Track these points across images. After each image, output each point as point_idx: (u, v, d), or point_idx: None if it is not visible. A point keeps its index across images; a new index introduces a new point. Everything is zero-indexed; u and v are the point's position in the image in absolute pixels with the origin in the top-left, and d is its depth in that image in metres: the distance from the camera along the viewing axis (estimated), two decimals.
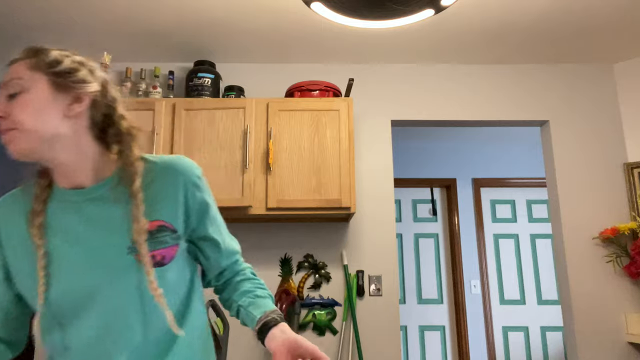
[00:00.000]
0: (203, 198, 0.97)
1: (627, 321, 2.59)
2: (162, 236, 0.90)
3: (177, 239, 0.92)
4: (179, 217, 0.93)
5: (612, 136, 2.84)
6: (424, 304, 4.22)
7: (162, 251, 0.89)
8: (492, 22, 2.48)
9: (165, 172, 0.94)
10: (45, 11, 2.38)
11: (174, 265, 0.91)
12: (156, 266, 0.87)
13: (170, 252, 0.91)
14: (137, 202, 0.87)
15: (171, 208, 0.92)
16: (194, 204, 0.95)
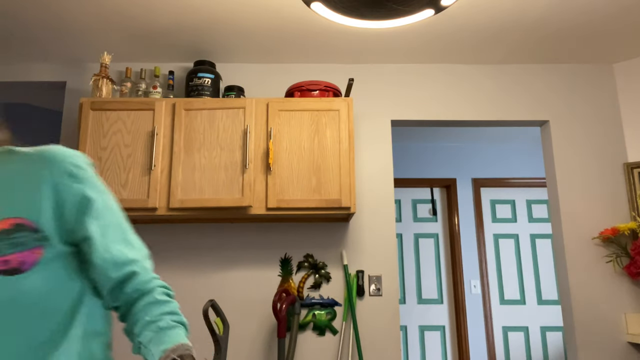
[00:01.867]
0: (82, 190, 0.80)
1: (627, 321, 2.59)
2: (20, 237, 0.74)
3: (42, 240, 0.75)
4: (45, 213, 0.76)
5: (612, 136, 2.84)
6: (424, 304, 4.22)
7: (19, 255, 0.73)
8: (492, 22, 2.48)
9: (30, 163, 0.79)
10: (45, 11, 2.38)
11: (39, 273, 0.74)
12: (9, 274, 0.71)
13: (31, 257, 0.74)
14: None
15: (33, 203, 0.76)
16: (67, 197, 0.79)
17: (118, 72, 2.88)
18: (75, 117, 2.82)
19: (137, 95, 2.67)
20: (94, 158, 2.43)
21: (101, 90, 2.57)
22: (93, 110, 2.49)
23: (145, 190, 2.39)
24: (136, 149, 2.45)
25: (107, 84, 2.59)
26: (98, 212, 0.81)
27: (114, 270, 0.80)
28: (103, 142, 2.46)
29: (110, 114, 2.49)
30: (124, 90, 2.66)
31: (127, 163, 2.43)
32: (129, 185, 2.40)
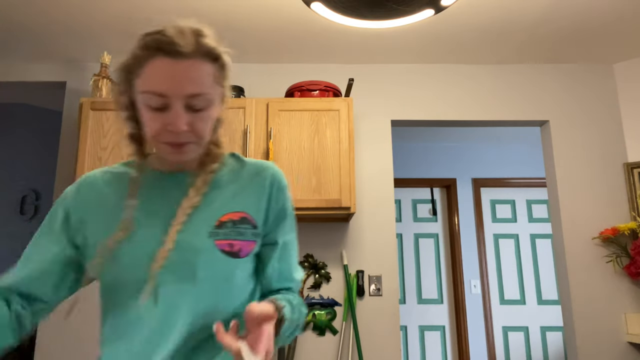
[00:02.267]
0: (285, 204, 0.94)
1: (627, 321, 2.59)
2: (244, 228, 0.87)
3: (256, 236, 0.89)
4: (260, 214, 0.90)
5: (612, 136, 2.84)
6: (424, 304, 4.22)
7: (241, 243, 0.86)
8: (492, 22, 2.48)
9: (255, 170, 0.94)
10: (45, 11, 2.38)
11: (247, 262, 0.88)
12: (231, 256, 0.84)
13: (247, 247, 0.87)
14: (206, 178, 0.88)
15: (255, 204, 0.90)
16: (275, 206, 0.92)
17: None
18: (75, 117, 2.82)
19: None
20: (94, 158, 2.43)
21: (101, 90, 2.57)
22: (93, 110, 2.49)
23: None
24: None
25: (107, 84, 2.59)
26: (286, 227, 0.95)
27: (278, 281, 0.94)
28: (103, 142, 2.46)
29: (110, 114, 2.49)
30: None
31: None
32: None
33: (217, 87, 0.84)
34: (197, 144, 0.83)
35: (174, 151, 0.82)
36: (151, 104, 0.79)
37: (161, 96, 0.78)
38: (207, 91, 0.81)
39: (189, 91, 0.78)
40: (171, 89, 0.77)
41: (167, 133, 0.80)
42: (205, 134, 0.83)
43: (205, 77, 0.81)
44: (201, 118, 0.81)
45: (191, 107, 0.80)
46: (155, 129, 0.80)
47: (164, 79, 0.77)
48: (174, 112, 0.78)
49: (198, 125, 0.81)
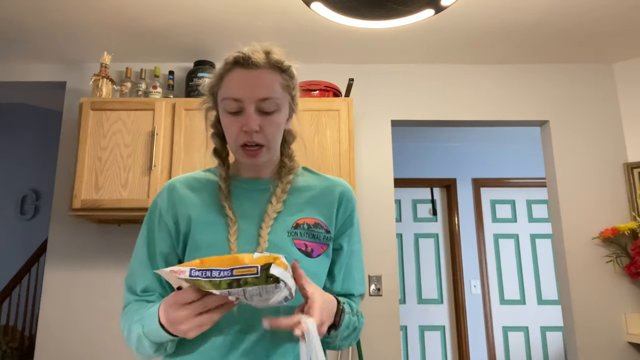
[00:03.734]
0: (352, 214, 1.03)
1: (627, 321, 2.59)
2: (317, 232, 0.97)
3: (329, 239, 0.99)
4: (332, 221, 1.00)
5: (612, 136, 2.84)
6: (424, 304, 4.22)
7: (314, 244, 0.95)
8: (492, 22, 2.48)
9: (327, 183, 1.04)
10: (45, 11, 2.38)
11: (320, 261, 0.96)
12: (305, 255, 0.93)
13: (319, 249, 0.96)
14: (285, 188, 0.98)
15: (327, 211, 1.00)
16: (343, 214, 1.02)
17: (118, 72, 2.88)
18: (75, 117, 2.82)
19: (137, 95, 2.67)
20: (94, 158, 2.43)
21: (101, 90, 2.57)
22: (93, 110, 2.49)
23: (145, 190, 2.39)
24: (136, 149, 2.45)
25: (107, 84, 2.59)
26: (353, 237, 1.05)
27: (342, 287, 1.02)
28: (103, 142, 2.46)
29: (110, 114, 2.49)
30: (124, 90, 2.66)
31: (127, 163, 2.43)
32: (129, 185, 2.40)
33: (285, 94, 0.95)
34: (268, 147, 0.94)
35: (248, 154, 0.93)
36: (229, 109, 0.92)
37: (236, 101, 0.91)
38: (276, 96, 0.92)
39: (260, 95, 0.91)
40: (244, 93, 0.91)
41: (242, 135, 0.92)
42: (274, 138, 0.95)
43: (275, 84, 0.93)
44: (270, 122, 0.93)
45: (262, 110, 0.91)
46: (233, 132, 0.93)
47: (239, 85, 0.91)
48: (247, 114, 0.91)
49: (268, 128, 0.93)
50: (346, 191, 1.04)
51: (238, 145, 0.93)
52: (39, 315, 2.61)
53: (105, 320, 2.59)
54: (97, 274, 2.65)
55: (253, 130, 0.90)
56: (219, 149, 1.04)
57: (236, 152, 0.96)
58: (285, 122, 0.99)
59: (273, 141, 0.95)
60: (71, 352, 2.56)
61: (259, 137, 0.92)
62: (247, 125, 0.90)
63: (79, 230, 2.70)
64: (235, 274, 0.68)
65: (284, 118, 0.97)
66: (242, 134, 0.92)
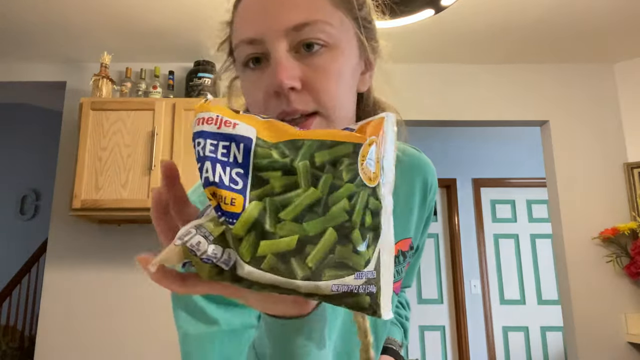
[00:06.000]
0: (434, 206, 0.75)
1: (627, 321, 2.59)
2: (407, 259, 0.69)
3: (411, 257, 0.71)
4: (419, 227, 0.72)
5: (612, 136, 2.84)
6: (424, 304, 4.22)
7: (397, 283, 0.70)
8: (492, 22, 2.48)
9: (414, 172, 0.70)
10: (44, 11, 2.38)
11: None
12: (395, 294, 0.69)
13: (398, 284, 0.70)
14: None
15: (418, 216, 0.70)
16: (429, 208, 0.73)
17: (118, 72, 2.88)
18: (75, 117, 2.82)
19: (137, 95, 2.67)
20: (94, 158, 2.43)
21: (101, 90, 2.57)
22: (93, 110, 2.49)
23: (145, 190, 2.39)
24: (136, 149, 2.45)
25: (107, 84, 2.59)
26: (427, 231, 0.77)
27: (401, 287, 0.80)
28: (103, 142, 2.46)
29: (110, 114, 2.49)
30: (124, 90, 2.66)
31: (127, 163, 2.43)
32: (129, 185, 2.40)
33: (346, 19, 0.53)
34: (327, 116, 0.51)
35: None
36: (245, 61, 0.53)
37: (252, 43, 0.51)
38: (322, 18, 0.50)
39: (290, 20, 0.50)
40: (265, 26, 0.50)
41: (272, 101, 0.50)
42: (335, 95, 0.51)
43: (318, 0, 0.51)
44: (321, 67, 0.50)
45: (300, 47, 0.50)
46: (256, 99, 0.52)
47: (254, 14, 0.52)
48: (273, 61, 0.50)
49: (317, 78, 0.50)
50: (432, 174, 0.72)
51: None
52: (39, 315, 2.61)
53: (105, 320, 2.59)
54: (97, 274, 2.65)
55: (286, 85, 0.48)
56: None
57: None
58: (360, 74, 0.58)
59: (336, 104, 0.51)
60: (71, 352, 2.55)
61: (303, 100, 0.50)
62: (275, 80, 0.49)
63: (79, 230, 2.70)
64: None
65: (349, 62, 0.54)
66: (271, 99, 0.50)
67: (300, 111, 0.49)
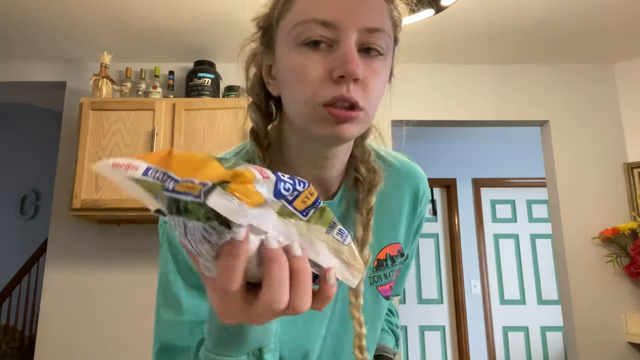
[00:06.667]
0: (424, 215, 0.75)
1: (627, 321, 2.59)
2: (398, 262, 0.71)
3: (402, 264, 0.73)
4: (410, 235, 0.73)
5: (612, 136, 2.84)
6: (424, 304, 4.22)
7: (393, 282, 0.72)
8: (492, 22, 2.48)
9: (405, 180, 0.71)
10: (44, 11, 2.38)
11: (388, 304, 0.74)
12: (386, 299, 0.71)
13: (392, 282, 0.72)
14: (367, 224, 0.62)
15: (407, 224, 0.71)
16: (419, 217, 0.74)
17: (118, 72, 2.88)
18: (75, 117, 2.82)
19: (137, 95, 2.67)
20: (94, 158, 2.43)
21: (101, 90, 2.57)
22: (93, 110, 2.49)
23: None
24: (136, 149, 2.45)
25: (107, 84, 2.59)
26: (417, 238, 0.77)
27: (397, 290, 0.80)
28: (103, 142, 2.46)
29: (110, 114, 2.49)
30: (124, 90, 2.66)
31: None
32: None
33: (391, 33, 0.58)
34: (367, 114, 0.57)
35: (336, 119, 0.54)
36: (310, 38, 0.53)
37: (326, 25, 0.53)
38: (387, 31, 0.56)
39: (370, 22, 0.54)
40: (345, 15, 0.53)
41: (329, 85, 0.53)
42: (376, 100, 0.59)
43: (384, 11, 0.57)
44: (376, 71, 0.56)
45: (367, 48, 0.55)
46: (312, 78, 0.53)
47: (335, 3, 0.53)
48: (343, 48, 0.53)
49: (372, 79, 0.55)
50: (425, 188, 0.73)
51: (318, 104, 0.53)
52: (39, 315, 2.61)
53: (105, 320, 2.59)
54: (97, 274, 2.65)
55: (356, 74, 0.52)
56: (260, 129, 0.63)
57: (310, 116, 0.55)
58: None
59: (374, 106, 0.58)
60: (71, 352, 2.55)
61: (358, 92, 0.54)
62: (347, 66, 0.51)
63: (79, 230, 2.70)
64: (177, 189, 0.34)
65: (388, 73, 0.60)
66: (329, 82, 0.53)
67: (354, 102, 0.53)
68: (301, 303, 0.35)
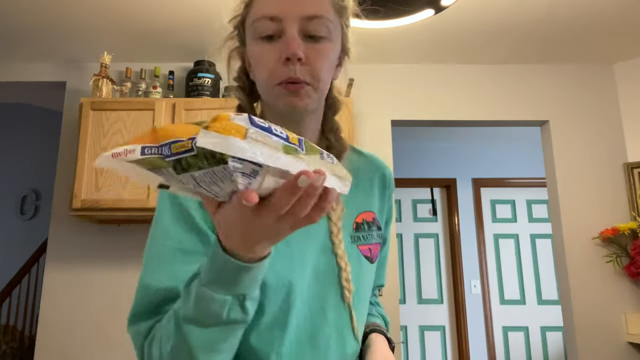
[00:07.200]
0: (393, 203, 0.87)
1: (627, 321, 2.59)
2: (374, 230, 0.79)
3: (380, 237, 0.81)
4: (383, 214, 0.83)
5: (612, 136, 2.84)
6: (424, 304, 4.22)
7: (372, 246, 0.78)
8: (493, 22, 2.48)
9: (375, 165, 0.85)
10: (45, 11, 2.38)
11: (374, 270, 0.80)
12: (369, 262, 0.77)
13: (376, 250, 0.79)
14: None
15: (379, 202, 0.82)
16: (389, 205, 0.85)
17: (118, 72, 2.88)
18: (75, 117, 2.82)
19: (137, 95, 2.67)
20: (94, 158, 2.43)
21: (101, 90, 2.57)
22: (93, 110, 2.49)
23: (145, 190, 2.39)
24: None
25: (107, 84, 2.59)
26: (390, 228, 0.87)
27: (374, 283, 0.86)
28: (103, 142, 2.46)
29: (110, 114, 2.49)
30: (124, 90, 2.66)
31: None
32: (129, 185, 2.40)
33: (337, 21, 0.70)
34: (315, 88, 0.68)
35: (289, 92, 0.66)
36: (262, 33, 0.67)
37: (273, 19, 0.66)
38: (327, 16, 0.68)
39: (306, 11, 0.66)
40: (285, 8, 0.66)
41: (280, 67, 0.66)
42: (322, 75, 0.68)
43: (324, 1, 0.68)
44: (319, 51, 0.67)
45: (308, 33, 0.67)
46: (267, 64, 0.67)
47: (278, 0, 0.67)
48: (287, 36, 0.66)
49: (315, 59, 0.67)
50: (390, 173, 0.86)
51: (274, 84, 0.67)
52: (39, 315, 2.61)
53: (105, 320, 2.59)
54: (97, 274, 2.65)
55: (296, 55, 0.64)
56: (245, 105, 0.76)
57: (271, 93, 0.69)
58: (335, 67, 0.73)
59: (322, 81, 0.68)
60: (71, 352, 2.56)
61: (304, 71, 0.66)
62: (288, 49, 0.64)
63: (79, 230, 2.70)
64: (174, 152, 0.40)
65: (335, 53, 0.71)
66: (281, 66, 0.66)
67: (298, 78, 0.66)
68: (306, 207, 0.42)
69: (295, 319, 0.68)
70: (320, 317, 0.70)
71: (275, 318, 0.67)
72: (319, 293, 0.71)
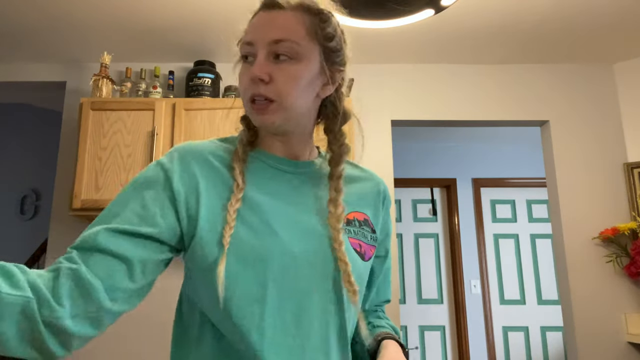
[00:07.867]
0: (390, 218, 0.93)
1: (627, 321, 2.59)
2: (366, 230, 0.84)
3: (375, 241, 0.86)
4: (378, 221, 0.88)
5: (612, 136, 2.84)
6: (424, 304, 4.22)
7: (365, 245, 0.82)
8: (492, 22, 2.48)
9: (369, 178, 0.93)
10: (45, 11, 2.38)
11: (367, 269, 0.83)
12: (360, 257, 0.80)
13: (370, 251, 0.83)
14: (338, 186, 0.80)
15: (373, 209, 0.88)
16: (385, 216, 0.91)
17: (118, 72, 2.88)
18: (75, 117, 2.82)
19: (137, 95, 2.67)
20: (94, 158, 2.43)
21: (101, 90, 2.57)
22: (93, 110, 2.49)
23: None
24: (136, 149, 2.45)
25: (107, 84, 2.59)
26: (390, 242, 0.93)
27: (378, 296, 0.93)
28: (103, 142, 2.46)
29: (110, 114, 2.49)
30: (124, 90, 2.66)
31: (127, 163, 2.43)
32: None
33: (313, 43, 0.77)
34: (280, 104, 0.74)
35: (254, 109, 0.75)
36: (243, 54, 0.78)
37: (248, 44, 0.76)
38: (294, 39, 0.74)
39: (272, 36, 0.74)
40: (256, 34, 0.75)
41: (251, 86, 0.74)
42: (288, 93, 0.74)
43: (295, 25, 0.75)
44: (283, 70, 0.74)
45: (275, 55, 0.75)
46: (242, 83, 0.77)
47: (254, 27, 0.77)
48: (256, 60, 0.75)
49: (278, 77, 0.73)
50: (386, 188, 0.93)
51: (246, 101, 0.76)
52: None
53: None
54: None
55: (257, 76, 0.72)
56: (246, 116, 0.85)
57: (247, 110, 0.78)
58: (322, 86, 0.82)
59: (287, 97, 0.74)
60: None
61: (268, 89, 0.73)
62: (252, 71, 0.73)
63: (79, 230, 2.70)
64: None
65: (309, 72, 0.76)
66: (250, 83, 0.74)
67: (263, 96, 0.74)
68: None
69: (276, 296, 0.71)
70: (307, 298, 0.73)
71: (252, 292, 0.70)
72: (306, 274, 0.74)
